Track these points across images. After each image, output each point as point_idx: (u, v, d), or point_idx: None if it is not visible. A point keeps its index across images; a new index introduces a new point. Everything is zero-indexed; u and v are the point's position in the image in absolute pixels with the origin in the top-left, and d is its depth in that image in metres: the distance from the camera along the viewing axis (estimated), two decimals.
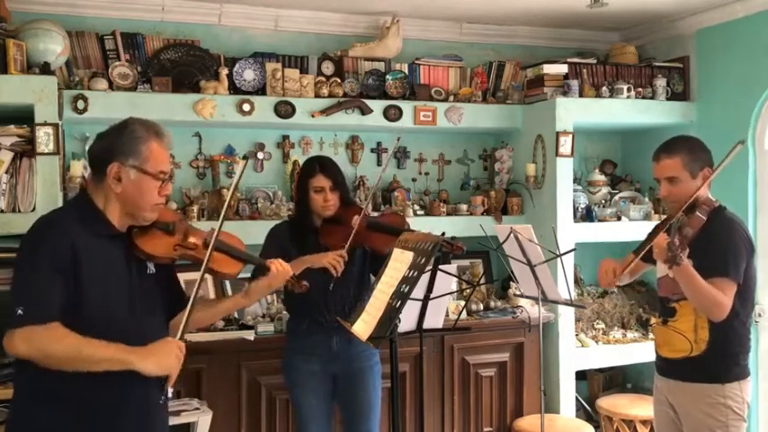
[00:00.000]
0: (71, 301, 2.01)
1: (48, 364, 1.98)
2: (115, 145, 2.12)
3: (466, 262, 4.66)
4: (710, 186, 2.96)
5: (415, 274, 2.52)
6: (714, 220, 2.84)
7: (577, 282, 4.89)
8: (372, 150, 4.70)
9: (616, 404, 4.39)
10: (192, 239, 2.25)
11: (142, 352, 2.04)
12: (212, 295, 4.03)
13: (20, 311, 1.95)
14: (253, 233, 3.62)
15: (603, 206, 4.70)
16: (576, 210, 4.57)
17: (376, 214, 4.02)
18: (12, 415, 2.14)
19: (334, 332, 3.26)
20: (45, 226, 2.10)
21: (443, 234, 2.95)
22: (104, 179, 2.12)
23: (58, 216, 2.16)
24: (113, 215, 2.14)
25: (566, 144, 4.43)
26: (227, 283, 3.99)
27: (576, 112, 4.48)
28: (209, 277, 3.81)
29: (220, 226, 2.23)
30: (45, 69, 3.53)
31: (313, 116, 4.21)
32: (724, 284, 2.74)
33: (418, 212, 4.50)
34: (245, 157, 2.20)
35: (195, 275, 3.43)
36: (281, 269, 2.38)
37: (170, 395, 2.14)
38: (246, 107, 4.07)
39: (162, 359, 2.06)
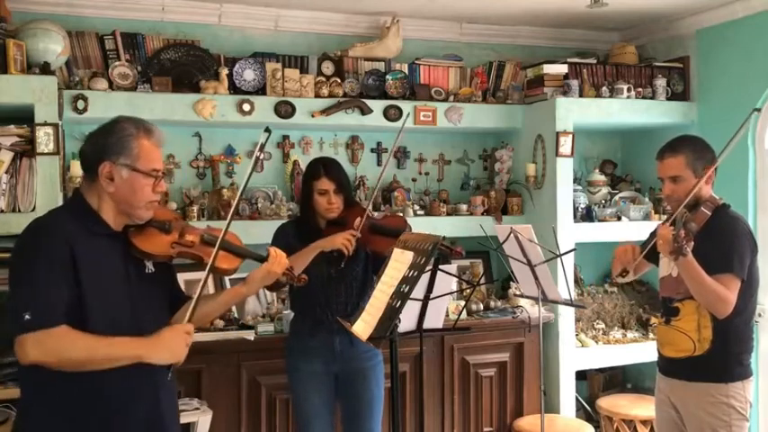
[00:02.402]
0: (72, 300, 1.99)
1: (61, 368, 1.96)
2: (106, 144, 2.10)
3: (466, 262, 4.66)
4: (713, 186, 2.96)
5: (415, 274, 2.51)
6: (718, 218, 2.84)
7: (577, 282, 4.89)
8: (372, 150, 4.69)
9: (616, 404, 4.39)
10: (188, 237, 2.24)
11: (152, 343, 2.04)
12: (212, 290, 4.03)
13: (27, 317, 1.92)
14: (253, 233, 3.62)
15: (603, 206, 4.70)
16: (576, 210, 4.57)
17: (377, 214, 4.02)
18: (25, 423, 2.10)
19: (336, 332, 3.27)
20: (39, 228, 2.08)
21: (443, 238, 2.94)
22: (96, 179, 2.10)
23: (51, 217, 2.14)
24: (108, 215, 2.12)
25: (566, 144, 4.43)
26: (227, 280, 3.99)
27: (576, 112, 4.48)
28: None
29: (230, 221, 2.23)
30: (45, 69, 3.52)
31: (313, 116, 4.21)
32: (728, 280, 2.74)
33: (418, 212, 4.49)
34: (267, 130, 2.12)
35: (195, 275, 3.41)
36: (279, 253, 2.38)
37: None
38: (246, 107, 4.07)
39: (173, 348, 2.06)
